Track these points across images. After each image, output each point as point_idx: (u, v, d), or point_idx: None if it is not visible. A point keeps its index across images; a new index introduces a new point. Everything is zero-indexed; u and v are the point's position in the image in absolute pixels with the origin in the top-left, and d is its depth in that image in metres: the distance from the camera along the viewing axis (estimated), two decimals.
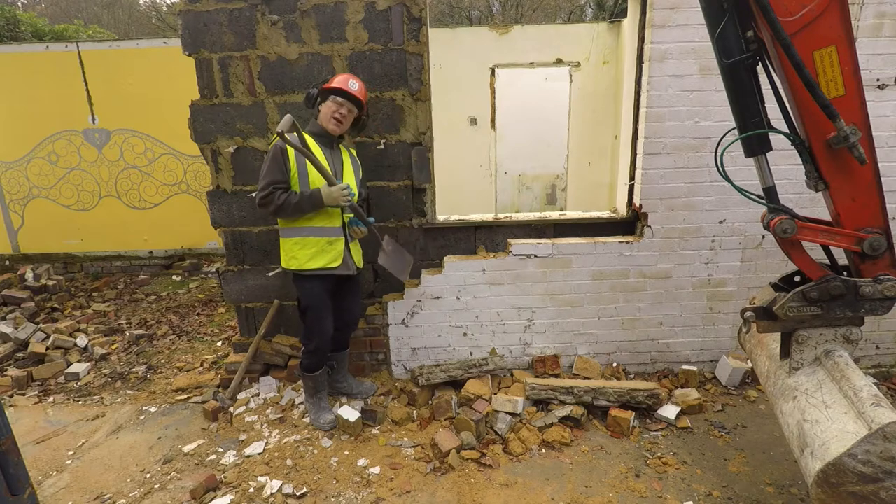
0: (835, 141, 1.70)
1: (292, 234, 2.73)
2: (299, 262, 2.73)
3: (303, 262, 2.73)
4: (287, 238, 2.75)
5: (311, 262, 2.74)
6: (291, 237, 2.74)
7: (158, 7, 16.09)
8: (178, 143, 5.76)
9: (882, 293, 1.84)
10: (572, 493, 2.44)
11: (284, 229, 2.76)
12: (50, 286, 5.08)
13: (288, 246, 2.76)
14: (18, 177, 5.94)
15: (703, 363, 3.43)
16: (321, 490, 2.50)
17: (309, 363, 2.91)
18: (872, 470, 1.55)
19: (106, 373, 3.77)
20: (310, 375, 2.93)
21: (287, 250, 2.77)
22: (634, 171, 3.20)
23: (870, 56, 2.86)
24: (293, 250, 2.74)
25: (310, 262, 2.73)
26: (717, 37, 1.80)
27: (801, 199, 3.05)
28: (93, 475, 2.68)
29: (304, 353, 2.92)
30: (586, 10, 14.20)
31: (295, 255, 2.74)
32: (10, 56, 5.63)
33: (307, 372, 2.93)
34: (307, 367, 2.92)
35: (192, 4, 2.93)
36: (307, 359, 2.91)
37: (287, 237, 2.75)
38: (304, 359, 2.93)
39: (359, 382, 3.29)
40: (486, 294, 3.29)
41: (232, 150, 3.14)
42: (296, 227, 2.72)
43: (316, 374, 2.94)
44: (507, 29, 5.60)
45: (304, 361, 2.92)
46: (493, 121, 5.88)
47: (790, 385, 1.96)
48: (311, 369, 2.92)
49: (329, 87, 2.65)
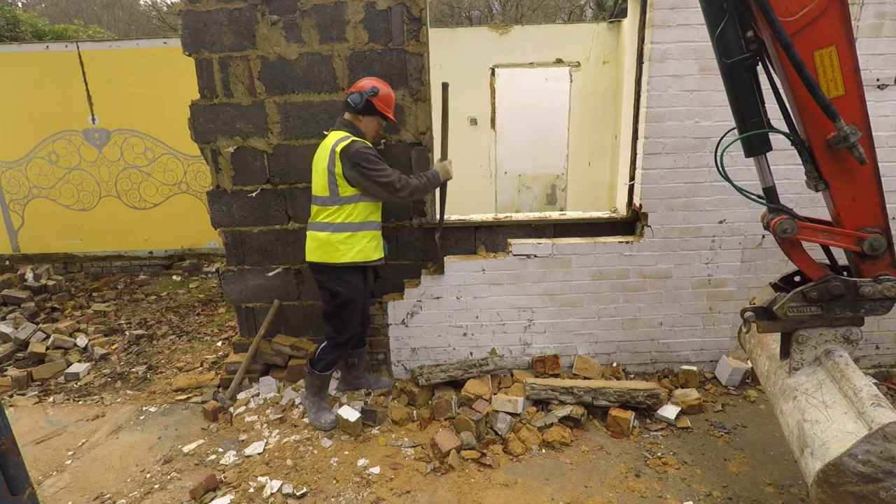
0: (835, 141, 1.70)
1: (365, 227, 2.80)
2: (365, 255, 2.80)
3: (368, 254, 2.82)
4: (357, 232, 2.78)
5: (375, 253, 2.86)
6: (363, 231, 2.80)
7: (158, 7, 16.10)
8: (178, 143, 5.76)
9: (882, 293, 1.84)
10: (572, 493, 2.44)
11: (356, 224, 2.77)
12: (50, 286, 5.08)
13: (357, 240, 2.78)
14: (18, 177, 5.94)
15: (703, 363, 3.43)
16: (321, 490, 2.50)
17: (330, 359, 2.89)
18: (872, 470, 1.55)
19: (106, 373, 3.77)
20: (321, 374, 2.91)
21: (353, 244, 2.78)
22: (634, 171, 3.20)
23: (870, 56, 2.86)
24: (360, 243, 2.79)
25: (374, 254, 2.85)
26: (717, 37, 1.80)
27: (801, 199, 3.05)
28: (93, 475, 2.68)
29: (331, 346, 2.89)
30: (586, 10, 14.20)
31: (362, 248, 2.79)
32: (10, 56, 5.63)
33: (322, 370, 2.90)
34: (325, 365, 2.89)
35: (192, 4, 2.93)
36: (331, 353, 2.88)
37: (358, 231, 2.78)
38: (326, 354, 2.88)
39: (377, 378, 3.33)
40: (486, 294, 3.29)
41: (232, 150, 3.14)
42: (367, 222, 2.80)
43: (328, 373, 2.93)
44: (507, 29, 5.60)
45: (326, 357, 2.88)
46: (493, 121, 5.87)
47: (790, 385, 1.96)
48: (326, 367, 2.90)
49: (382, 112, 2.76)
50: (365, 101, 2.69)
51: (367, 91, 2.70)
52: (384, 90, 2.76)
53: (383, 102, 2.75)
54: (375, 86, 2.72)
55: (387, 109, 2.77)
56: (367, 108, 2.72)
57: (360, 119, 2.76)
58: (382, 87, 2.76)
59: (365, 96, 2.69)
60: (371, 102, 2.71)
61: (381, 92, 2.73)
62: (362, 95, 2.69)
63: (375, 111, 2.74)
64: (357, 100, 2.69)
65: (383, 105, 2.75)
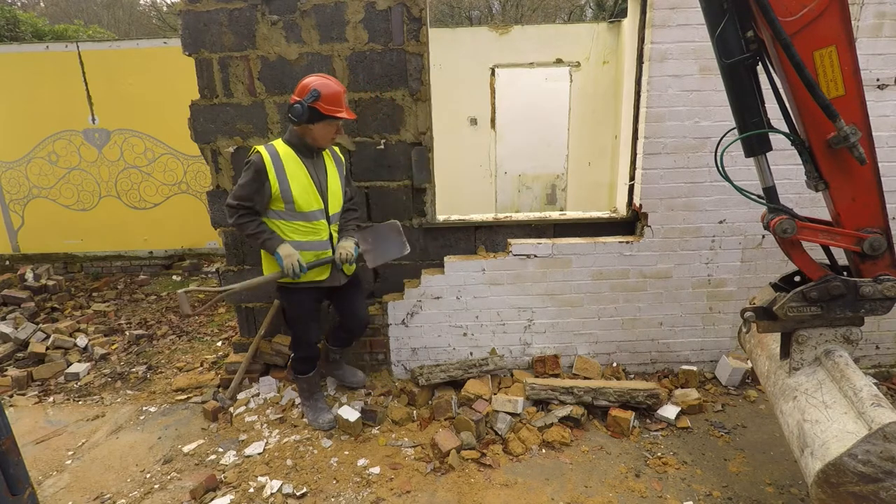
0: (835, 141, 1.70)
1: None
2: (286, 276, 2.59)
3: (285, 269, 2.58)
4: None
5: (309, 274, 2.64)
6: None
7: (158, 7, 16.10)
8: (178, 143, 5.76)
9: (882, 293, 1.84)
10: (572, 493, 2.44)
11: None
12: (50, 286, 5.08)
13: (271, 258, 2.62)
14: (18, 177, 5.94)
15: (703, 363, 3.43)
16: (321, 490, 2.50)
17: (302, 366, 2.96)
18: (872, 470, 1.55)
19: (106, 373, 3.77)
20: (303, 377, 2.97)
21: (271, 262, 2.64)
22: (634, 171, 3.20)
23: (870, 56, 2.86)
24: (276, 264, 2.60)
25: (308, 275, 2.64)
26: (717, 37, 1.80)
27: (801, 199, 3.05)
28: (93, 475, 2.68)
29: (295, 358, 2.97)
30: (586, 10, 14.20)
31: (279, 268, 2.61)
32: (10, 56, 5.63)
33: (300, 374, 2.97)
34: (300, 371, 2.97)
35: (192, 4, 2.93)
36: (298, 364, 2.96)
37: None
38: (294, 364, 2.98)
39: (353, 372, 3.30)
40: (486, 294, 3.29)
41: (232, 150, 3.14)
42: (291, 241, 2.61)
43: (308, 375, 2.97)
44: (507, 29, 5.60)
45: (296, 365, 2.97)
46: (493, 121, 5.87)
47: (790, 385, 1.96)
48: (304, 371, 2.96)
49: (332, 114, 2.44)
50: (308, 110, 2.39)
51: (308, 97, 2.37)
52: (327, 89, 2.41)
53: (329, 103, 2.41)
54: (316, 88, 2.38)
55: (336, 110, 2.43)
56: (313, 115, 2.41)
57: (311, 128, 2.47)
58: (325, 86, 2.41)
59: (307, 104, 2.37)
60: (316, 108, 2.40)
61: (323, 93, 2.39)
62: (304, 105, 2.37)
63: (324, 116, 2.43)
64: (300, 111, 2.37)
65: (330, 107, 2.42)
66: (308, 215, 2.61)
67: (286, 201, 2.55)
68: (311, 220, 2.63)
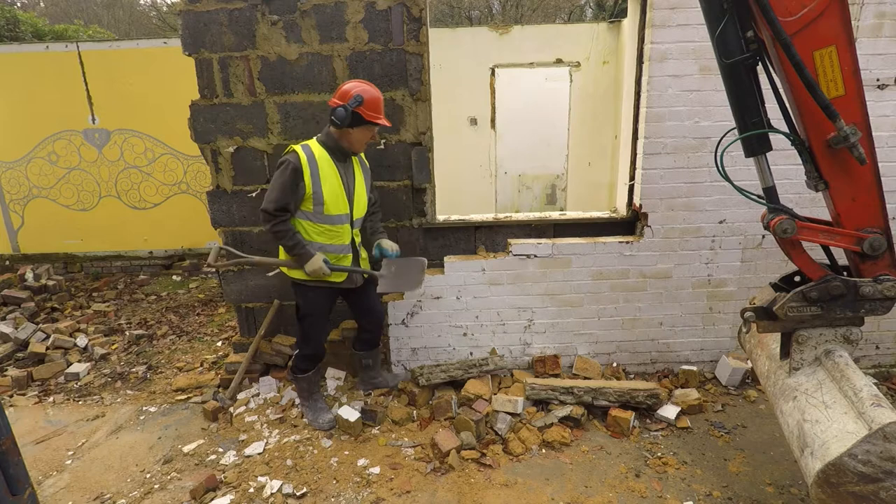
0: (835, 141, 1.70)
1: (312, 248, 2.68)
2: (303, 274, 2.66)
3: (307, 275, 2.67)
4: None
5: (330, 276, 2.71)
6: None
7: (158, 7, 16.10)
8: (178, 143, 5.75)
9: (882, 293, 1.84)
10: (572, 493, 2.44)
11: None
12: (50, 286, 5.08)
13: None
14: (18, 177, 5.94)
15: (703, 363, 3.43)
16: (321, 490, 2.50)
17: (303, 365, 2.94)
18: (872, 470, 1.55)
19: (106, 373, 3.77)
20: (302, 376, 2.95)
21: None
22: (634, 171, 3.20)
23: (870, 56, 2.86)
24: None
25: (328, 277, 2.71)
26: (717, 37, 1.80)
27: (801, 199, 3.05)
28: (93, 475, 2.68)
29: (299, 356, 2.94)
30: (586, 10, 14.20)
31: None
32: (10, 56, 5.63)
33: (300, 374, 2.94)
34: (301, 369, 2.94)
35: (192, 4, 2.93)
36: (301, 362, 2.93)
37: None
38: (297, 361, 2.95)
39: (393, 376, 3.32)
40: (486, 294, 3.29)
41: (232, 150, 3.14)
42: (313, 242, 2.67)
43: (308, 374, 2.95)
44: (507, 29, 5.60)
45: (298, 363, 2.94)
46: (493, 121, 5.87)
47: (790, 385, 1.96)
48: (303, 370, 2.94)
49: (372, 120, 2.53)
50: (352, 114, 2.47)
51: (352, 102, 2.46)
52: (369, 94, 2.51)
53: (371, 109, 2.51)
54: (359, 93, 2.47)
55: (376, 116, 2.54)
56: (355, 119, 2.50)
57: (350, 132, 2.55)
58: (367, 92, 2.51)
59: (350, 108, 2.46)
60: (358, 114, 2.49)
61: (366, 98, 2.48)
62: (347, 109, 2.46)
63: (364, 121, 2.52)
64: (343, 115, 2.46)
65: (372, 113, 2.52)
66: (334, 219, 2.66)
67: (316, 203, 2.60)
68: (337, 223, 2.68)
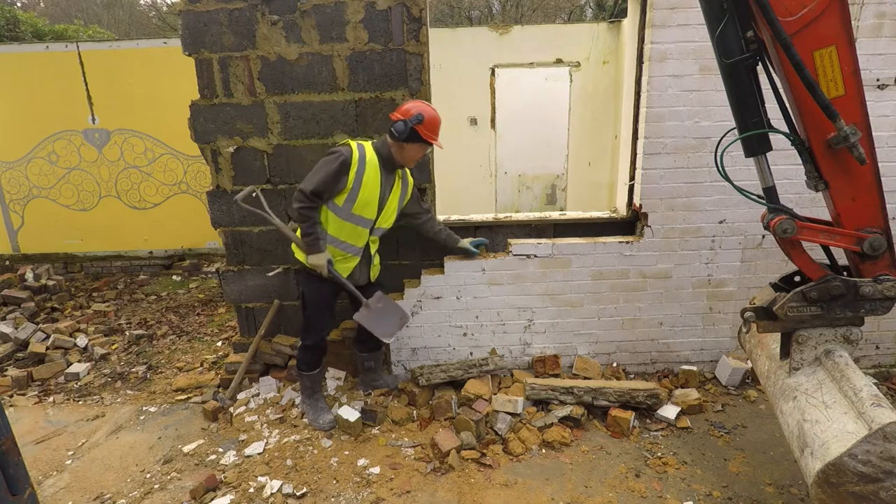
0: (835, 141, 1.70)
1: (332, 242, 2.75)
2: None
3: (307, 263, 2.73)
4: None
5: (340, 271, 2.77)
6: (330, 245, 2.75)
7: (158, 7, 16.10)
8: (178, 143, 5.75)
9: (882, 293, 1.84)
10: (572, 493, 2.44)
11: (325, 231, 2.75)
12: (50, 286, 5.08)
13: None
14: (18, 177, 5.94)
15: (703, 363, 3.43)
16: (321, 490, 2.50)
17: (308, 360, 2.93)
18: (872, 470, 1.55)
19: (106, 373, 3.77)
20: (308, 374, 2.95)
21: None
22: (634, 171, 3.20)
23: (870, 56, 2.86)
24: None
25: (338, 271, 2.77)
26: (717, 37, 1.80)
27: (801, 199, 3.05)
28: (93, 475, 2.68)
29: (302, 348, 2.94)
30: (586, 10, 14.20)
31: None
32: (10, 56, 5.63)
33: (306, 371, 2.95)
34: (306, 365, 2.94)
35: (192, 4, 2.93)
36: (305, 354, 2.93)
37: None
38: (302, 355, 2.95)
39: (393, 377, 3.34)
40: (486, 294, 3.29)
41: (232, 150, 3.14)
42: (334, 238, 2.74)
43: (314, 372, 2.96)
44: (507, 29, 5.60)
45: (303, 357, 2.94)
46: (493, 121, 5.88)
47: (790, 385, 1.96)
48: (310, 367, 2.94)
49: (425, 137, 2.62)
50: (410, 130, 2.59)
51: (412, 119, 2.57)
52: (429, 115, 2.62)
53: (428, 129, 2.62)
54: (420, 113, 2.59)
55: (432, 137, 2.66)
56: (411, 136, 2.61)
57: (405, 146, 2.65)
58: (428, 113, 2.62)
59: (410, 125, 2.57)
60: (416, 131, 2.60)
61: (426, 118, 2.60)
62: (406, 124, 2.57)
63: (420, 139, 2.63)
64: (402, 129, 2.58)
65: (429, 132, 2.63)
66: (357, 219, 2.71)
67: (349, 200, 2.66)
68: (359, 224, 2.73)
